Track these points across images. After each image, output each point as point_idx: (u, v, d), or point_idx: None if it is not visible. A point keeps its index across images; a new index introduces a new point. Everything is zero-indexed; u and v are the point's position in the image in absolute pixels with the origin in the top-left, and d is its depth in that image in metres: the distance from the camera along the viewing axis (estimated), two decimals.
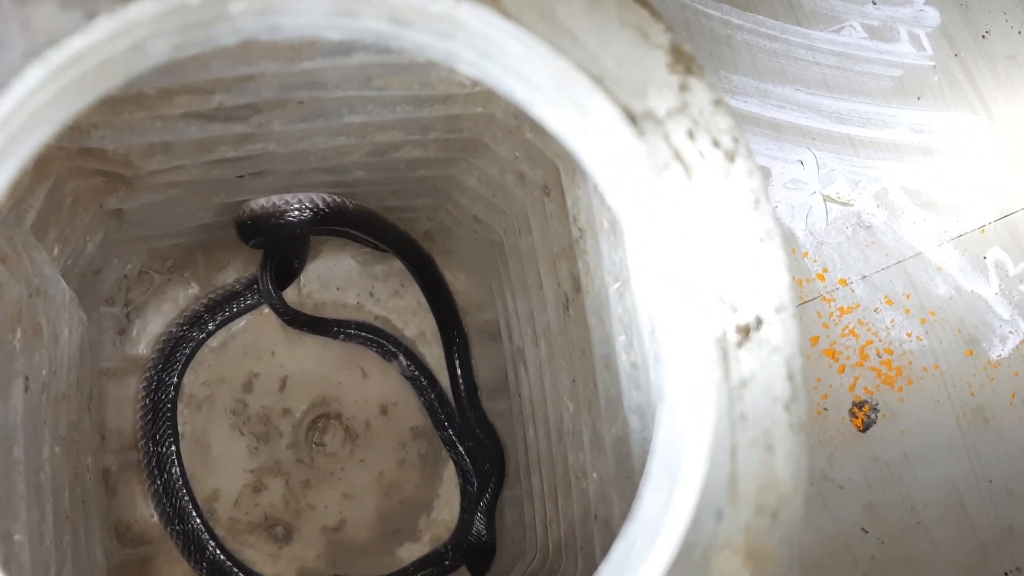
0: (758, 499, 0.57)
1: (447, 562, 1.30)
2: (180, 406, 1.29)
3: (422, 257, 1.33)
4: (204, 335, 1.30)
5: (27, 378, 0.91)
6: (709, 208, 0.58)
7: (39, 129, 0.50)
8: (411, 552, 1.32)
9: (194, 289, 1.31)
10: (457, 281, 1.35)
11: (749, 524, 0.57)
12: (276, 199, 1.19)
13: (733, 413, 0.57)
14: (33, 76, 0.49)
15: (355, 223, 1.26)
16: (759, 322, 0.58)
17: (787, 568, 0.59)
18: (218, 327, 1.31)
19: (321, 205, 1.20)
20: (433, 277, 1.34)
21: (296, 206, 1.19)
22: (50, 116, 0.51)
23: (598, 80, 0.56)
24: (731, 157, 0.60)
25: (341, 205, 1.21)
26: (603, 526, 0.96)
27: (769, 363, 0.58)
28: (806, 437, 0.59)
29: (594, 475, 0.97)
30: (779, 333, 0.59)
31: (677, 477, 0.53)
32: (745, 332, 0.58)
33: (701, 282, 0.57)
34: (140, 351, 1.29)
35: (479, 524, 1.29)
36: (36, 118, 0.50)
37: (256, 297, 1.30)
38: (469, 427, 1.33)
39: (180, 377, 1.29)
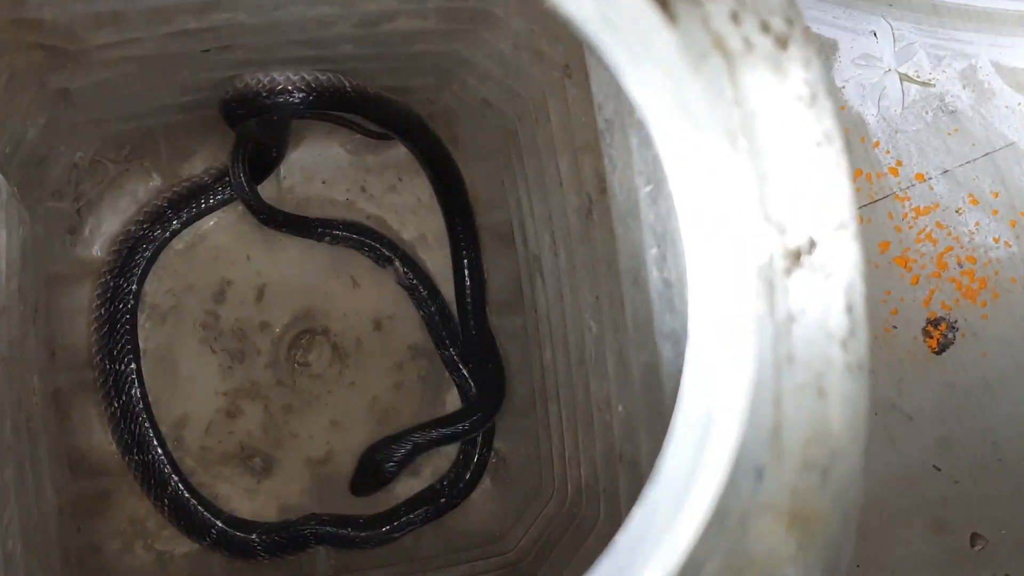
0: (806, 454, 0.57)
1: (443, 500, 1.31)
2: (141, 318, 1.29)
3: (435, 146, 1.32)
4: (167, 235, 1.29)
5: None
6: (755, 107, 0.57)
7: None
8: (409, 488, 1.33)
9: (156, 181, 1.30)
10: (464, 174, 1.33)
11: (795, 483, 0.56)
12: (262, 76, 1.17)
13: (778, 353, 0.56)
14: None
15: (360, 106, 1.24)
16: (812, 244, 0.57)
17: (841, 533, 0.58)
18: (184, 226, 1.30)
19: (328, 84, 1.19)
20: (447, 170, 1.33)
21: (288, 85, 1.17)
22: None
23: None
24: (783, 43, 0.58)
25: (359, 87, 1.20)
26: (629, 468, 0.96)
27: (823, 293, 0.57)
28: (866, 380, 0.58)
29: (619, 408, 0.97)
30: (837, 257, 0.57)
31: (709, 431, 0.53)
32: (795, 257, 0.57)
33: (742, 197, 0.55)
34: (94, 253, 1.28)
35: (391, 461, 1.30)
36: None
37: (228, 191, 1.29)
38: (475, 346, 1.33)
39: (140, 284, 1.28)
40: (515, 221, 1.29)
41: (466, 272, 1.32)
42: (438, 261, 1.35)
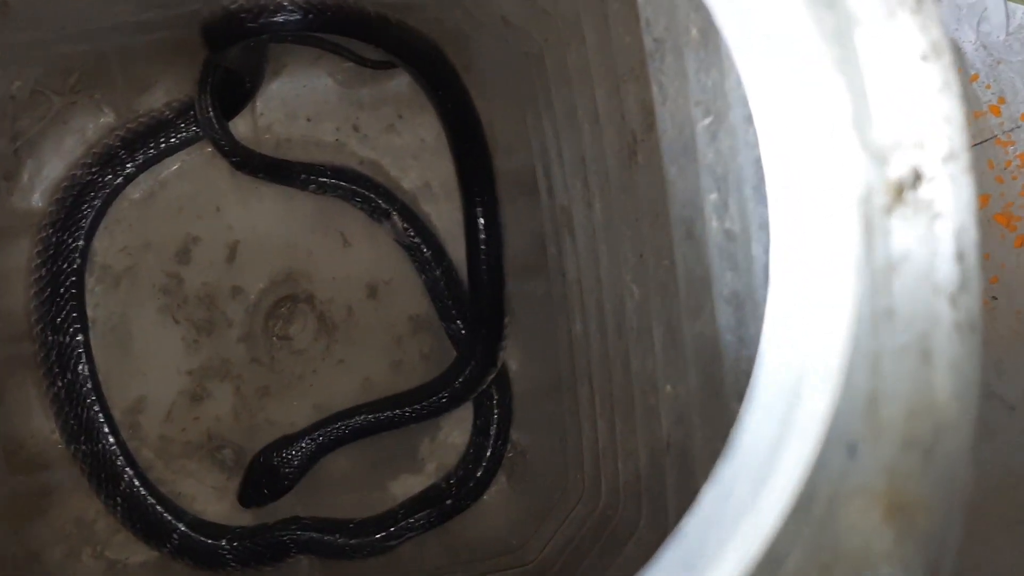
0: (907, 429, 0.57)
1: (449, 501, 1.31)
2: (90, 281, 1.29)
3: (447, 76, 1.31)
4: (120, 181, 1.29)
5: None
6: (851, 11, 0.56)
7: None
8: (408, 487, 1.33)
9: (108, 117, 1.30)
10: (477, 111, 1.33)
11: (893, 464, 0.56)
12: None
13: (876, 308, 0.56)
14: None
15: (361, 29, 1.25)
16: (917, 177, 0.57)
17: (945, 526, 0.58)
18: (139, 170, 1.30)
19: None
20: (460, 104, 1.32)
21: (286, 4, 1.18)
22: None
23: None
24: None
25: (381, 12, 1.21)
26: (679, 459, 0.96)
27: (930, 236, 0.57)
28: (978, 344, 0.58)
29: (667, 388, 0.97)
30: (946, 194, 0.57)
31: (795, 398, 0.52)
32: (897, 192, 0.56)
33: (836, 119, 0.55)
34: (34, 203, 1.29)
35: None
36: None
37: (193, 129, 1.29)
38: (479, 315, 1.33)
39: (88, 240, 1.28)
40: (539, 167, 1.29)
41: (481, 226, 1.31)
42: (445, 215, 1.35)
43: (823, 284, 0.54)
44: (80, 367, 1.26)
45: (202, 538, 1.27)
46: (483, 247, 1.31)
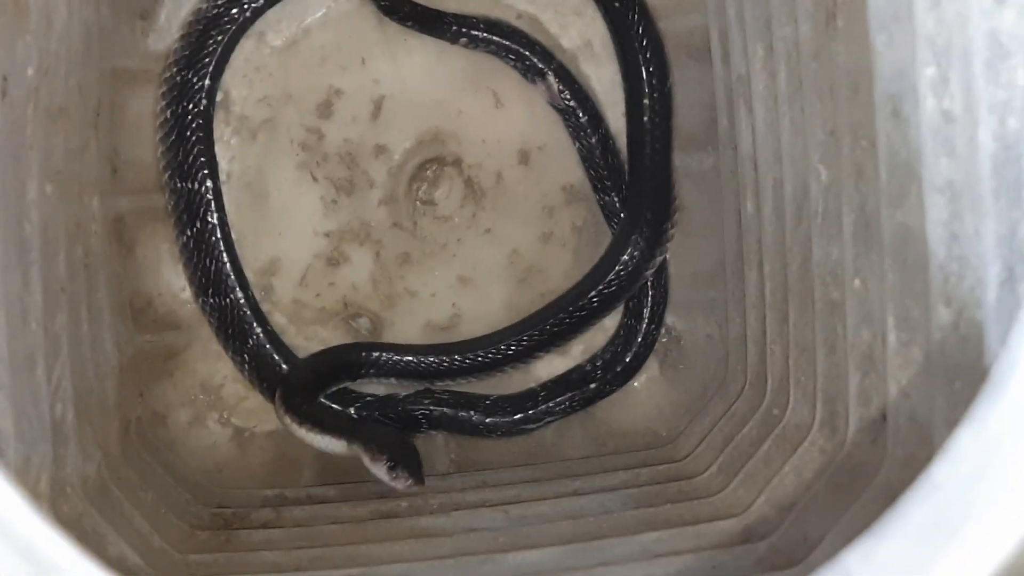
0: None
1: (594, 385, 1.28)
2: (226, 132, 1.28)
3: None
4: (248, 15, 1.26)
5: (4, 79, 0.87)
6: None
7: None
8: (552, 367, 1.31)
9: None
10: None
11: None
12: None
13: None
14: None
15: None
16: None
17: None
18: (268, 4, 1.26)
19: None
20: None
21: None
22: None
23: None
24: None
25: None
26: (864, 361, 0.92)
27: None
28: None
29: (856, 282, 0.92)
30: None
31: None
32: None
33: None
34: (171, 46, 1.26)
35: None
36: None
37: None
38: (639, 196, 1.28)
39: (214, 80, 1.26)
40: (713, 29, 1.24)
41: (646, 92, 1.26)
42: (606, 79, 1.31)
43: None
44: (210, 216, 1.25)
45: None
46: (648, 110, 1.27)
